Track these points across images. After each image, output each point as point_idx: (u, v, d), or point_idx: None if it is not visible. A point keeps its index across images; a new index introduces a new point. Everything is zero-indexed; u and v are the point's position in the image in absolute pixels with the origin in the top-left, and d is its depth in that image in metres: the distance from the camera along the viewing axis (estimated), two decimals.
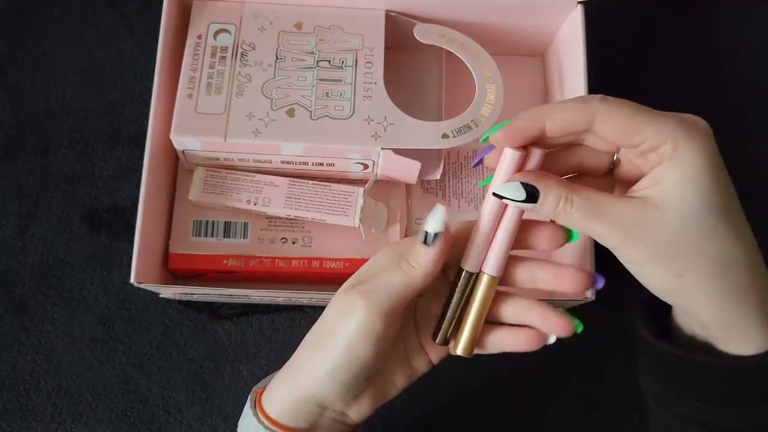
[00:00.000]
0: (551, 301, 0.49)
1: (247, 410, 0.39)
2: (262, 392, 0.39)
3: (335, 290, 0.48)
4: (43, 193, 0.55)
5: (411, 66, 0.54)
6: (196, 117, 0.47)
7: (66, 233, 0.54)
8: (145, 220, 0.46)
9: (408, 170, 0.48)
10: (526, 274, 0.36)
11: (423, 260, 0.34)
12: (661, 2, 0.52)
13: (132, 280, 0.44)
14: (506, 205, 0.34)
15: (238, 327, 0.53)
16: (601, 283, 0.36)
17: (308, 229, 0.51)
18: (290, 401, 0.37)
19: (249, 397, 0.40)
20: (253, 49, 0.50)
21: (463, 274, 0.36)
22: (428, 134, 0.48)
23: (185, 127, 0.47)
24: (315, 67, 0.49)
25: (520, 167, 0.33)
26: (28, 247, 0.54)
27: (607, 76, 0.49)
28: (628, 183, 0.33)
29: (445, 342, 0.37)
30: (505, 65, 0.51)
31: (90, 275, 0.53)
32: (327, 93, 0.48)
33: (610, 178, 0.35)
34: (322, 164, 0.49)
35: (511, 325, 0.37)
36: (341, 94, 0.48)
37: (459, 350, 0.37)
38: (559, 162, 0.35)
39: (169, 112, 0.48)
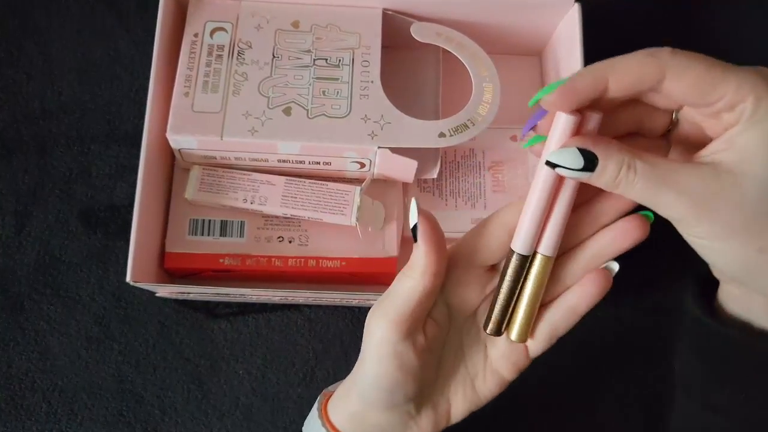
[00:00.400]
0: None
1: (314, 412, 0.38)
2: (330, 397, 0.38)
3: (332, 289, 0.48)
4: (40, 192, 0.55)
5: (408, 65, 0.54)
6: (193, 115, 0.47)
7: (62, 232, 0.54)
8: (141, 219, 0.46)
9: (405, 169, 0.48)
10: (587, 252, 0.33)
11: (417, 258, 0.33)
12: (658, 1, 0.52)
13: (128, 279, 0.44)
14: (561, 177, 0.30)
15: (234, 326, 0.53)
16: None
17: (305, 228, 0.50)
18: (348, 416, 0.36)
19: (318, 398, 0.39)
20: (250, 47, 0.49)
21: (514, 257, 0.33)
22: (425, 133, 0.48)
23: (182, 125, 0.47)
24: (312, 66, 0.49)
25: (576, 133, 0.29)
26: (25, 246, 0.54)
27: None
28: (688, 146, 0.31)
29: (498, 332, 0.34)
30: (502, 64, 0.50)
31: (86, 274, 0.53)
32: (324, 92, 0.48)
33: (665, 141, 0.32)
34: (319, 163, 0.49)
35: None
36: (338, 92, 0.48)
37: (513, 336, 0.34)
38: (613, 123, 0.31)
39: (166, 110, 0.48)
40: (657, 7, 0.61)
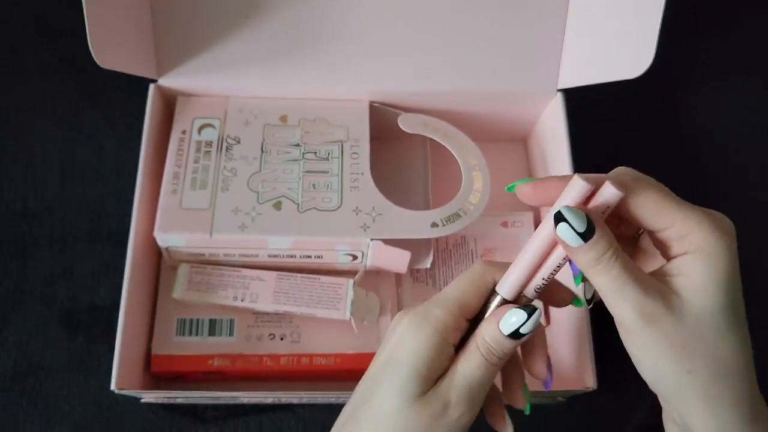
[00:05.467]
0: (553, 391, 0.48)
1: None
2: None
3: (326, 387, 0.46)
4: (18, 296, 0.53)
5: (397, 155, 0.54)
6: (181, 213, 0.46)
7: (42, 336, 0.52)
8: (127, 321, 0.44)
9: (398, 260, 0.48)
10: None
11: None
12: (641, 88, 0.53)
13: (113, 386, 0.42)
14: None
15: (223, 431, 0.50)
16: (548, 386, 0.36)
17: (297, 324, 0.49)
18: None
19: None
20: (238, 142, 0.49)
21: (498, 299, 0.33)
22: (418, 224, 0.47)
23: (170, 223, 0.46)
24: (301, 159, 0.49)
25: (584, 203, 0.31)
26: (1, 353, 0.51)
27: (587, 158, 0.50)
28: (647, 256, 0.33)
29: None
30: (488, 151, 0.51)
31: (66, 381, 0.50)
32: (314, 185, 0.48)
33: (631, 244, 0.35)
34: (310, 257, 0.48)
35: None
36: (328, 185, 0.48)
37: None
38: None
39: (152, 208, 0.47)
40: (638, 93, 0.63)
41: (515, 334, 0.32)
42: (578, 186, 0.30)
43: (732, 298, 0.29)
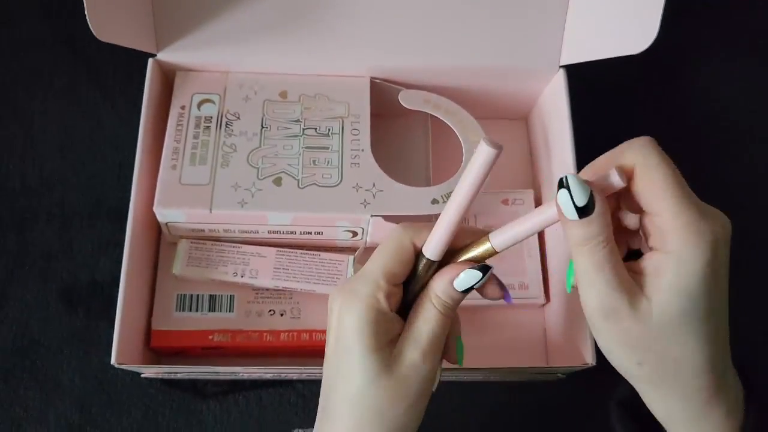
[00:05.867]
0: (548, 368, 0.48)
1: None
2: None
3: None
4: (18, 271, 0.53)
5: (397, 132, 0.54)
6: (181, 189, 0.46)
7: (41, 312, 0.52)
8: (126, 297, 0.44)
9: None
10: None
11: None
12: (642, 64, 0.53)
13: (113, 361, 0.42)
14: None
15: (223, 406, 0.50)
16: (509, 299, 0.36)
17: (297, 300, 0.49)
18: None
19: None
20: (238, 118, 0.49)
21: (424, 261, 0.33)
22: (418, 200, 0.47)
23: (169, 199, 0.46)
24: (301, 136, 0.49)
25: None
26: (1, 329, 0.51)
27: (589, 137, 0.50)
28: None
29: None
30: (489, 128, 0.51)
31: (66, 356, 0.51)
32: (314, 161, 0.48)
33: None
34: (311, 233, 0.48)
35: None
36: (328, 161, 0.48)
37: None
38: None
39: (152, 184, 0.47)
40: (642, 69, 0.63)
41: (469, 290, 0.33)
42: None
43: (700, 305, 0.29)
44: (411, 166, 0.53)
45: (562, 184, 0.29)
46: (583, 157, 0.48)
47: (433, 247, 0.33)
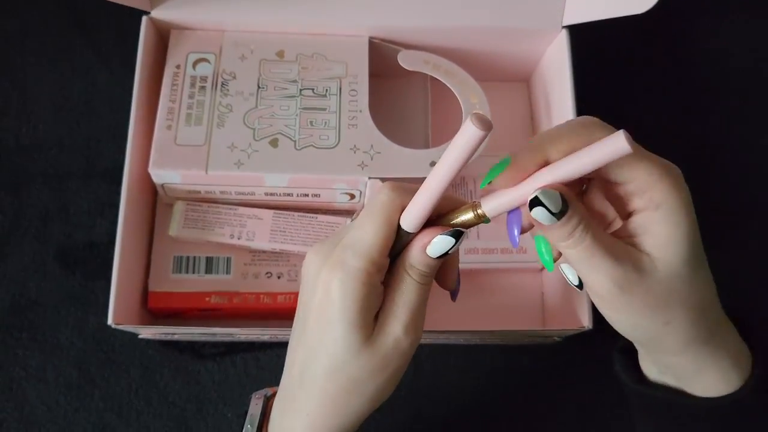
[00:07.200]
0: (545, 331, 0.48)
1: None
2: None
3: None
4: (15, 232, 0.52)
5: (396, 93, 0.53)
6: (176, 149, 0.46)
7: (39, 273, 0.52)
8: (122, 258, 0.44)
9: None
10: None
11: None
12: (646, 25, 0.52)
13: (110, 321, 0.42)
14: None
15: (221, 367, 0.50)
16: (456, 296, 0.36)
17: (294, 263, 0.49)
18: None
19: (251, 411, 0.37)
20: (234, 78, 0.48)
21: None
22: (416, 162, 0.46)
23: (164, 159, 0.45)
24: (298, 96, 0.48)
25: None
26: None
27: (591, 101, 0.49)
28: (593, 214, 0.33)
29: None
30: (490, 91, 0.50)
31: (64, 317, 0.51)
32: (311, 122, 0.47)
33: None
34: (308, 195, 0.48)
35: None
36: (326, 122, 0.47)
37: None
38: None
39: (147, 144, 0.46)
40: (645, 29, 0.61)
41: (444, 255, 0.32)
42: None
43: (695, 246, 0.30)
44: (410, 128, 0.52)
45: (535, 203, 0.29)
46: None
47: (410, 220, 0.32)
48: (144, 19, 0.48)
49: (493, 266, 0.50)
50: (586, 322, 0.45)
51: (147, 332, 0.47)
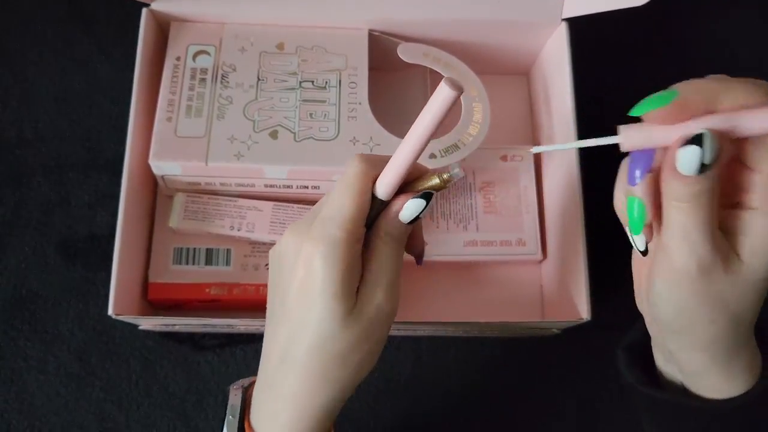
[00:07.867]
0: (544, 323, 0.48)
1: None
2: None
3: None
4: (16, 224, 0.53)
5: (396, 86, 0.53)
6: (176, 141, 0.46)
7: (40, 264, 0.52)
8: (123, 249, 0.44)
9: None
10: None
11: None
12: (645, 18, 0.52)
13: (110, 312, 0.42)
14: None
15: (221, 358, 0.51)
16: (421, 261, 0.37)
17: None
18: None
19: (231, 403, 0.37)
20: (234, 70, 0.48)
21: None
22: None
23: (165, 151, 0.45)
24: (298, 88, 0.48)
25: None
26: (0, 281, 0.51)
27: (590, 94, 0.49)
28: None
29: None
30: (489, 84, 0.50)
31: (65, 308, 0.51)
32: (311, 114, 0.47)
33: None
34: (307, 187, 0.48)
35: None
36: (325, 115, 0.47)
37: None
38: None
39: (148, 136, 0.46)
40: (645, 22, 0.61)
41: (415, 219, 0.32)
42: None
43: None
44: (409, 120, 0.51)
45: (695, 140, 0.25)
46: (584, 114, 0.48)
47: (385, 187, 0.32)
48: (144, 11, 0.48)
49: (492, 258, 0.50)
50: (584, 314, 0.45)
51: (147, 323, 0.47)
